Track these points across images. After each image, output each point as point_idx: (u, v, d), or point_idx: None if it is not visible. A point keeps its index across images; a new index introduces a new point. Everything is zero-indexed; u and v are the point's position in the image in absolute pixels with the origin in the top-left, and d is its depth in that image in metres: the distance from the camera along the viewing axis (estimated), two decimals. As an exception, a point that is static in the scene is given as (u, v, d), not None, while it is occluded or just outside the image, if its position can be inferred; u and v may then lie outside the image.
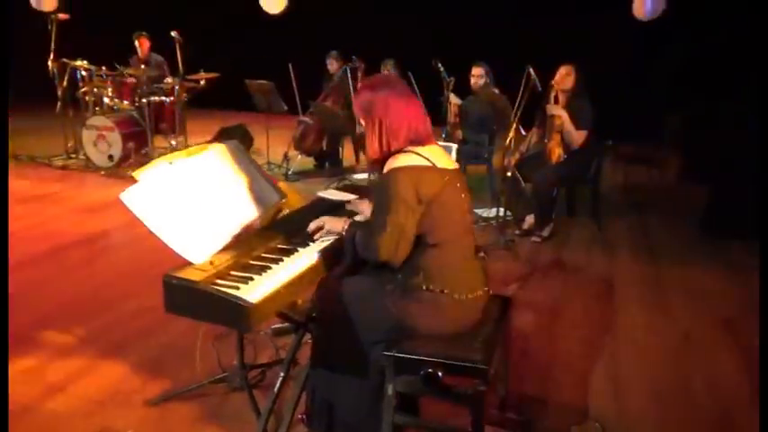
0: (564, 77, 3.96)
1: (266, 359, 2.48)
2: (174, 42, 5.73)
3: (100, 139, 5.87)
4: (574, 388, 2.41)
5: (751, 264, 3.71)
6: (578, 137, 3.93)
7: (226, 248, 1.81)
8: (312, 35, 8.01)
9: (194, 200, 1.80)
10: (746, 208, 4.05)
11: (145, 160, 5.94)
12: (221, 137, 6.63)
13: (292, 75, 5.55)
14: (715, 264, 3.79)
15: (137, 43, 6.64)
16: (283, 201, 2.19)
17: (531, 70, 3.82)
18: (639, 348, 2.75)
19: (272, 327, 2.68)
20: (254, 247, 1.87)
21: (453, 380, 1.77)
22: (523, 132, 4.31)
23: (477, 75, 4.72)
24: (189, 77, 6.07)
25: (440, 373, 1.71)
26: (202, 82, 6.22)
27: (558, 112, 3.90)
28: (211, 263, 1.70)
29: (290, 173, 5.69)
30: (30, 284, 3.22)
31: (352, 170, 6.05)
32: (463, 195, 1.86)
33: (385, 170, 1.77)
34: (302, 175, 5.79)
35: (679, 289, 3.42)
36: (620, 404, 2.32)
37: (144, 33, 6.64)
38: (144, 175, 1.75)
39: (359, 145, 5.94)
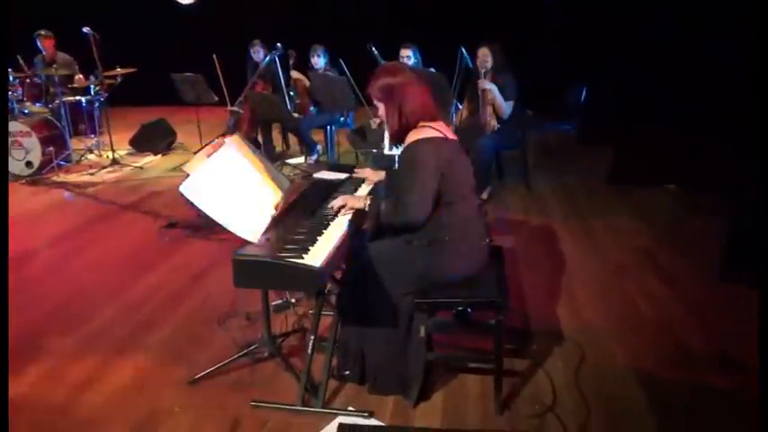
0: (483, 57, 4.41)
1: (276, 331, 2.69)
2: (88, 39, 5.52)
3: (15, 145, 5.55)
4: (545, 315, 2.87)
5: (649, 205, 4.45)
6: (507, 107, 4.41)
7: (269, 227, 2.02)
8: (229, 24, 7.97)
9: (236, 186, 1.99)
10: (644, 161, 4.78)
11: (67, 165, 5.75)
12: (144, 133, 6.51)
13: (218, 65, 5.57)
14: (625, 208, 4.48)
15: (40, 44, 6.27)
16: (292, 184, 2.41)
17: (464, 50, 4.22)
18: (585, 279, 3.28)
19: (273, 303, 2.89)
20: (292, 224, 2.10)
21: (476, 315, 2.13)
22: (459, 106, 4.72)
23: (405, 55, 5.05)
24: (105, 74, 5.88)
25: (469, 310, 2.05)
26: (119, 78, 6.04)
27: (489, 86, 4.34)
28: (267, 240, 1.91)
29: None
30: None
31: (286, 155, 6.23)
32: (466, 161, 2.20)
33: (407, 143, 2.06)
34: (239, 164, 5.87)
35: (603, 231, 4.03)
36: (581, 322, 2.80)
37: (47, 33, 6.28)
38: (191, 168, 1.91)
39: (291, 131, 6.10)
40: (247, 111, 5.67)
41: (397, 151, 3.36)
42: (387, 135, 3.22)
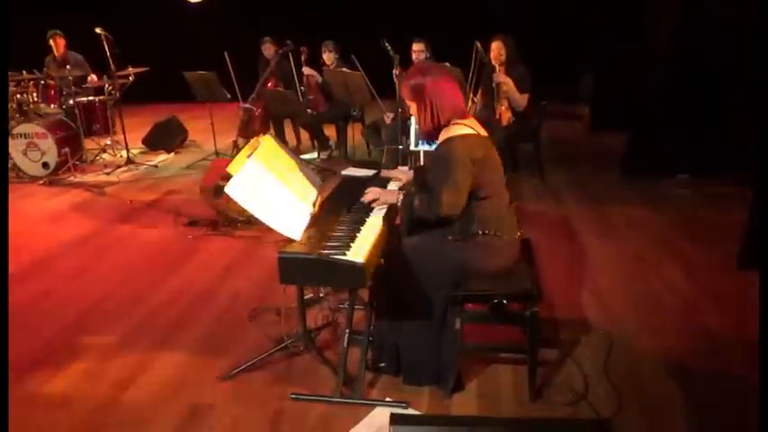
0: (497, 51, 4.45)
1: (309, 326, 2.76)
2: (100, 39, 5.56)
3: (30, 146, 5.60)
4: (570, 305, 2.92)
5: (663, 194, 4.52)
6: (522, 99, 4.46)
7: (309, 224, 2.08)
8: (241, 21, 8.01)
9: (276, 184, 2.05)
10: (657, 151, 4.82)
11: (82, 165, 5.81)
12: (156, 131, 6.57)
13: (229, 63, 5.61)
14: (641, 197, 4.53)
15: (52, 43, 6.32)
16: (324, 181, 2.47)
17: (479, 44, 4.26)
18: (605, 268, 3.34)
19: (305, 298, 2.95)
20: (329, 221, 2.16)
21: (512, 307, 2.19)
22: (475, 100, 4.77)
23: (419, 50, 5.08)
24: (118, 73, 5.93)
25: (505, 302, 2.11)
26: (131, 77, 6.09)
27: (504, 80, 4.39)
28: (309, 237, 1.97)
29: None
30: (38, 297, 3.22)
31: (298, 151, 6.28)
32: (498, 157, 2.25)
33: (441, 140, 2.11)
34: (253, 161, 5.93)
35: (619, 220, 4.09)
36: (606, 311, 2.86)
37: (59, 32, 6.33)
38: (234, 169, 1.97)
39: (303, 126, 6.15)
40: (260, 107, 5.72)
41: (423, 148, 3.44)
42: (413, 132, 3.27)
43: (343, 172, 2.78)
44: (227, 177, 4.24)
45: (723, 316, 2.76)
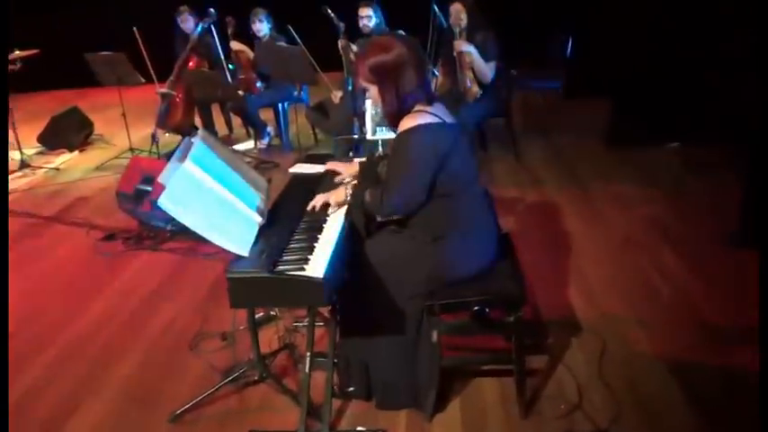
0: (457, 14, 4.52)
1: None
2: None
3: None
4: (556, 304, 3.06)
5: (652, 166, 4.74)
6: (489, 69, 4.57)
7: (258, 237, 2.12)
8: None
9: (215, 193, 2.08)
10: (643, 118, 5.03)
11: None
12: (55, 126, 6.40)
13: (140, 40, 5.50)
14: (627, 171, 4.74)
15: None
16: (270, 184, 2.51)
17: (436, 8, 4.34)
18: (594, 257, 3.50)
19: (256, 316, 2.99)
20: (282, 231, 2.20)
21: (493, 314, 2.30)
22: (436, 73, 4.85)
23: (365, 15, 5.07)
24: (1, 59, 5.73)
25: (487, 309, 2.22)
26: (19, 63, 5.92)
27: (467, 48, 4.48)
28: (260, 252, 2.01)
29: (160, 156, 5.70)
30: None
31: (231, 141, 6.26)
32: (467, 145, 2.34)
33: (401, 129, 2.16)
34: (177, 156, 5.87)
35: (605, 199, 4.28)
36: (596, 307, 3.01)
37: None
38: (166, 178, 1.99)
39: (235, 111, 6.11)
40: (181, 92, 5.65)
41: (383, 135, 3.50)
42: (369, 116, 3.32)
43: (292, 170, 2.81)
44: (148, 179, 4.21)
45: (720, 302, 2.95)
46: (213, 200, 2.04)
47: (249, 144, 6.16)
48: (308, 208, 2.39)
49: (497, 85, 4.66)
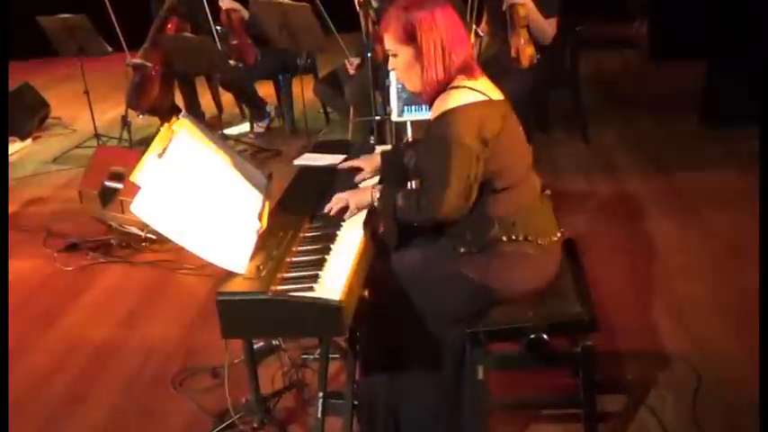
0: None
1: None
2: None
3: None
4: (637, 328, 3.05)
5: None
6: (549, 27, 4.56)
7: (256, 249, 2.16)
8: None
9: (204, 195, 2.12)
10: (749, 86, 4.95)
11: None
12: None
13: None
14: (726, 157, 4.70)
15: None
16: (270, 180, 2.56)
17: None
18: (686, 267, 3.48)
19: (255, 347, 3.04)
20: (285, 240, 2.24)
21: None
22: (481, 34, 4.85)
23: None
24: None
25: (545, 336, 2.23)
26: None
27: (520, 0, 4.47)
28: (258, 267, 2.05)
29: (133, 146, 5.77)
30: None
31: (222, 124, 6.30)
32: (519, 127, 2.36)
33: (437, 112, 2.19)
34: (153, 144, 5.95)
35: (701, 196, 4.24)
36: (689, 333, 2.99)
37: None
38: (141, 178, 2.04)
39: (226, 86, 6.17)
40: (157, 63, 5.72)
41: (412, 116, 3.52)
42: (394, 92, 3.35)
43: (298, 161, 2.85)
44: (118, 174, 4.29)
45: None
46: (200, 203, 2.08)
47: (244, 127, 6.24)
48: (325, 210, 2.43)
49: (559, 46, 4.64)
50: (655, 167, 4.62)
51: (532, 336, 2.23)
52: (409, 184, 2.70)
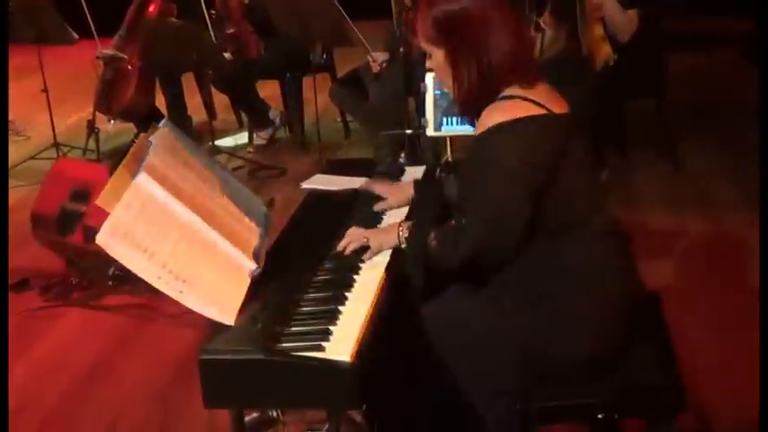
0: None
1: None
2: None
3: None
4: (742, 406, 3.01)
5: None
6: (629, 20, 4.59)
7: (250, 294, 2.19)
8: None
9: (187, 225, 2.15)
10: None
11: None
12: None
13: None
14: None
15: None
16: (271, 208, 2.60)
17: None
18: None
19: (246, 419, 3.04)
20: (286, 286, 2.27)
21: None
22: (543, 26, 4.88)
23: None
24: None
25: (617, 416, 2.22)
26: None
27: (595, -14, 4.51)
28: (253, 319, 2.08)
29: (102, 159, 5.81)
30: None
31: (214, 134, 6.31)
32: (588, 151, 2.37)
33: (481, 128, 2.21)
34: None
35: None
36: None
37: None
38: (110, 201, 2.07)
39: (220, 86, 6.23)
40: (135, 55, 5.80)
41: (453, 130, 3.53)
42: (430, 99, 3.38)
43: (307, 184, 2.88)
44: (81, 194, 4.34)
45: None
46: (182, 235, 2.11)
47: (241, 138, 6.30)
48: (338, 248, 2.45)
49: (644, 44, 4.65)
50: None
51: (600, 415, 2.23)
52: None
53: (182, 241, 2.12)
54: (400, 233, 2.40)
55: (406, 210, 2.73)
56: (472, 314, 2.32)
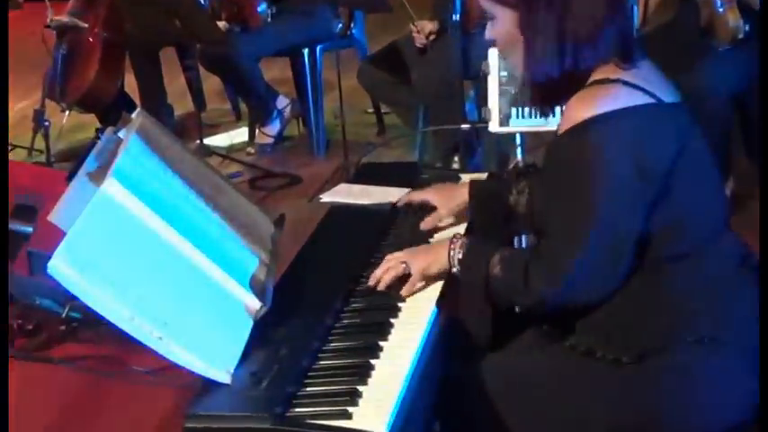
0: None
1: None
2: None
3: None
4: None
5: None
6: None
7: (251, 341, 2.20)
8: None
9: (167, 252, 2.17)
10: None
11: None
12: None
13: None
14: None
15: None
16: (281, 228, 2.61)
17: None
18: None
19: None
20: (300, 332, 2.28)
21: None
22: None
23: None
24: None
25: None
26: None
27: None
28: (256, 376, 2.09)
29: (53, 161, 5.87)
30: None
31: (203, 129, 6.36)
32: (710, 153, 2.36)
33: (569, 122, 2.22)
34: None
35: None
36: None
37: None
38: (65, 217, 2.09)
39: (209, 65, 6.28)
40: (98, 23, 5.85)
41: (521, 125, 3.52)
42: (494, 84, 3.39)
43: (327, 196, 2.90)
44: (27, 209, 4.40)
45: None
46: (163, 262, 2.13)
47: (238, 135, 6.34)
48: (371, 282, 2.46)
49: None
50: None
51: None
52: (517, 239, 2.71)
53: (162, 271, 2.13)
54: (452, 253, 2.40)
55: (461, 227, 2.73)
56: (552, 368, 2.35)
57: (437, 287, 2.41)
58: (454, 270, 2.38)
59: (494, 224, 2.57)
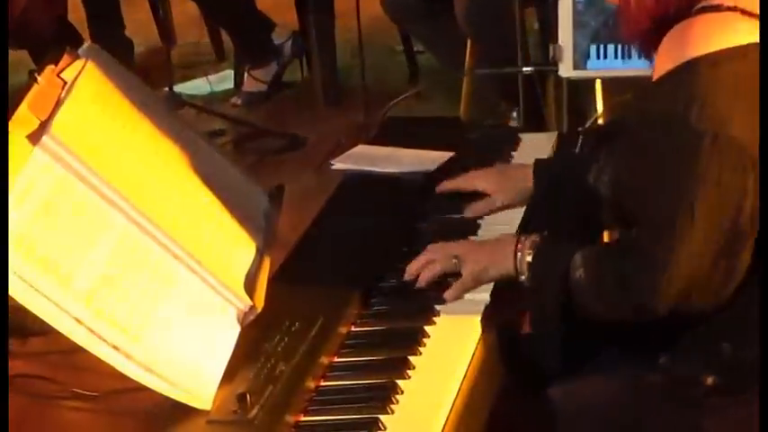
0: None
1: None
2: None
3: None
4: None
5: None
6: None
7: (241, 355, 2.22)
8: None
9: (133, 239, 2.19)
10: None
11: None
12: None
13: None
14: None
15: None
16: (278, 201, 2.62)
17: None
18: None
19: None
20: (301, 343, 2.29)
21: None
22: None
23: None
24: None
25: None
26: None
27: None
28: (244, 399, 2.10)
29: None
30: None
31: (174, 71, 6.42)
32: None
33: (669, 62, 2.22)
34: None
35: None
36: None
37: None
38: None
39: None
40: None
41: (602, 69, 3.52)
42: (568, 16, 3.40)
43: (339, 163, 2.92)
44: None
45: None
46: (120, 247, 2.14)
47: (221, 81, 6.37)
48: (407, 276, 2.50)
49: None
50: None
51: None
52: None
53: (119, 257, 2.14)
54: (519, 254, 2.42)
55: (519, 215, 2.74)
56: (644, 399, 2.35)
57: (488, 288, 2.42)
58: (522, 279, 2.40)
59: (570, 215, 2.54)
